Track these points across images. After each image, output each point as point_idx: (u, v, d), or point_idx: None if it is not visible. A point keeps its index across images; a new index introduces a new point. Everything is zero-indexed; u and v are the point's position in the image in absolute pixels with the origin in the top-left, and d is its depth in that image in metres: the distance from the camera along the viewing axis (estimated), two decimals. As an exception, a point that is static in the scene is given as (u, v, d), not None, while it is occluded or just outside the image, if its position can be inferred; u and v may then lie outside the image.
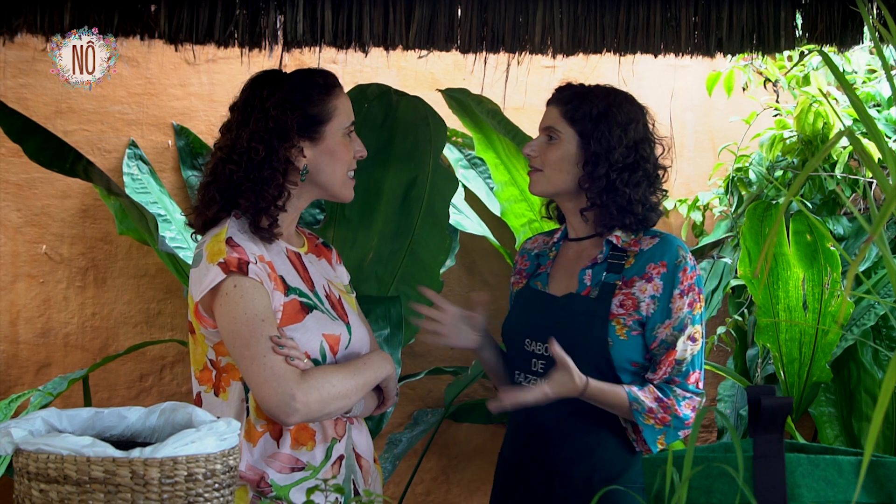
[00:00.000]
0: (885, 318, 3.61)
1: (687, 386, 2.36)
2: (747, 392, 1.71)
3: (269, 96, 2.26)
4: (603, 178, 2.39)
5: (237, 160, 2.24)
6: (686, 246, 2.43)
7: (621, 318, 2.37)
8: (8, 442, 1.64)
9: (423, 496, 4.01)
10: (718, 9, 2.89)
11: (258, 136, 2.23)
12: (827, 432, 3.70)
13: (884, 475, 1.63)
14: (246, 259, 2.17)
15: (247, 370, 2.15)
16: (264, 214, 2.23)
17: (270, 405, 2.12)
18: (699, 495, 1.63)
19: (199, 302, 2.19)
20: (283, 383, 2.11)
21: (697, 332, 2.38)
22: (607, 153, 2.40)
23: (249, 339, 2.13)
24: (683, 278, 2.37)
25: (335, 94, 2.32)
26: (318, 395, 2.14)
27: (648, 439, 2.36)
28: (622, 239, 2.43)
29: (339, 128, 2.31)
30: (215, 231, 2.24)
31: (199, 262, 2.21)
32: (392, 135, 3.46)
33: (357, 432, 2.32)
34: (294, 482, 1.85)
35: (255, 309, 2.14)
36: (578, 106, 2.43)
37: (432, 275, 3.56)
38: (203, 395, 2.26)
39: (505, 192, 3.87)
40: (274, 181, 2.23)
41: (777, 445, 1.62)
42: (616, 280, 2.40)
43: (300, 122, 2.26)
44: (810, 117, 3.72)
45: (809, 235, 3.41)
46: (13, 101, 3.45)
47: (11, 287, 3.66)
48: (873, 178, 3.52)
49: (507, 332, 2.55)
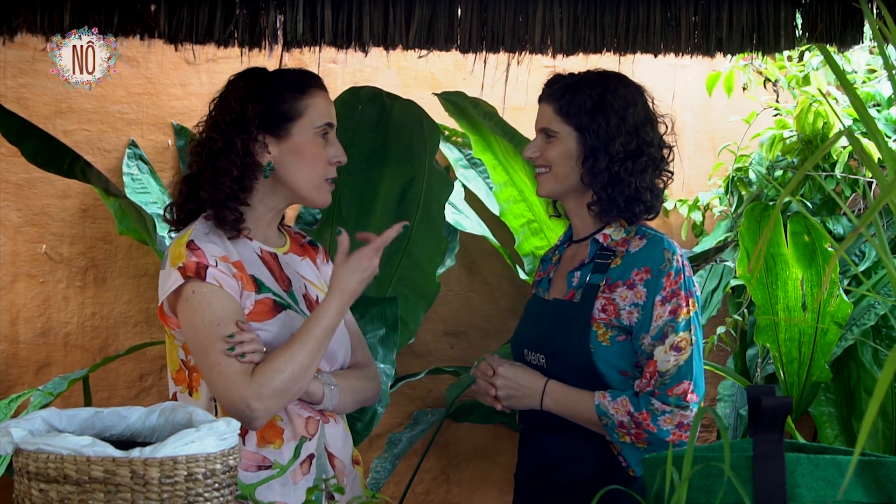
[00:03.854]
0: (885, 318, 3.60)
1: (668, 398, 2.21)
2: (747, 392, 1.71)
3: (235, 90, 2.27)
4: (605, 172, 2.30)
5: (199, 151, 2.26)
6: (675, 247, 2.31)
7: (602, 324, 2.27)
8: (8, 442, 1.64)
9: (423, 496, 4.01)
10: (718, 9, 2.89)
11: (218, 127, 2.24)
12: (827, 432, 3.70)
13: (884, 475, 1.63)
14: (205, 263, 2.16)
15: (207, 379, 2.17)
16: (225, 208, 2.22)
17: (231, 415, 2.10)
18: (699, 495, 1.63)
19: (164, 303, 2.21)
20: (236, 391, 2.10)
21: (683, 340, 2.23)
22: (606, 145, 2.30)
23: (206, 347, 2.14)
24: (666, 283, 2.25)
25: (309, 93, 2.28)
26: (271, 389, 2.11)
27: (630, 460, 2.25)
28: (610, 238, 2.34)
29: (308, 127, 2.27)
30: (182, 232, 2.24)
31: (165, 265, 2.23)
32: (387, 137, 3.47)
33: (332, 430, 2.27)
34: (259, 481, 1.83)
35: (213, 314, 2.14)
36: (571, 100, 2.34)
37: (429, 276, 3.58)
38: (179, 395, 2.27)
39: (504, 192, 3.87)
40: (229, 173, 2.22)
41: (777, 445, 1.62)
42: (600, 281, 2.30)
43: (263, 116, 2.24)
44: (810, 117, 3.72)
45: (807, 236, 3.40)
46: (13, 101, 3.45)
47: (11, 287, 3.66)
48: (873, 178, 3.52)
49: (513, 342, 2.50)
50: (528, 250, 3.87)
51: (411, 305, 3.58)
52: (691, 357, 2.25)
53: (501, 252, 3.88)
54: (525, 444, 2.45)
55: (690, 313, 2.27)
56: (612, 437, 2.26)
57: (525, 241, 3.87)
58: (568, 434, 2.31)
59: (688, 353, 2.24)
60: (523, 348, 2.41)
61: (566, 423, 2.31)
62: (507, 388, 2.32)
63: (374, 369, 2.45)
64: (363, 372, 2.39)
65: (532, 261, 3.84)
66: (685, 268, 2.29)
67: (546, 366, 2.34)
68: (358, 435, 3.34)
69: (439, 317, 3.98)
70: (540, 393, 2.30)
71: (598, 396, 2.25)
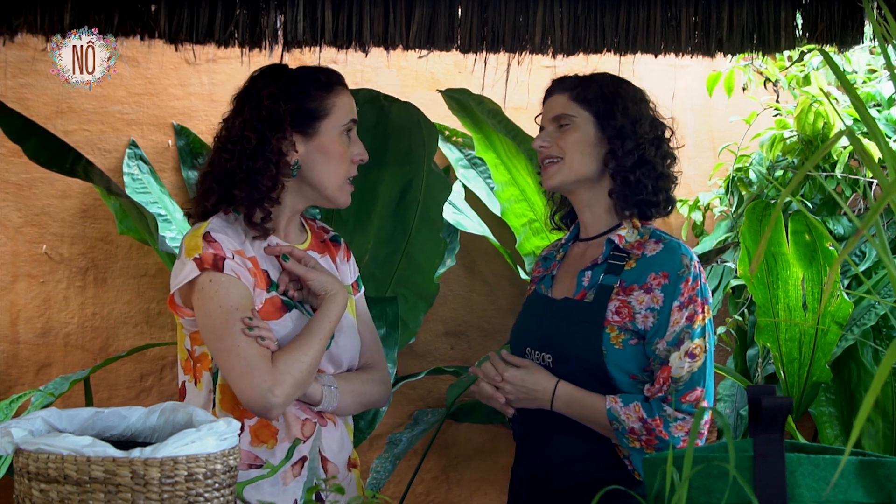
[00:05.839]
0: (885, 318, 3.60)
1: (681, 405, 2.19)
2: (747, 392, 1.71)
3: (265, 87, 2.25)
4: (634, 153, 2.28)
5: (231, 149, 2.23)
6: (692, 253, 2.29)
7: (616, 326, 2.23)
8: (8, 442, 1.64)
9: (423, 496, 4.01)
10: (718, 9, 2.89)
11: (251, 125, 2.22)
12: (827, 432, 3.70)
13: (884, 475, 1.63)
14: (222, 255, 2.15)
15: (223, 364, 2.12)
16: (258, 207, 2.21)
17: (249, 400, 2.09)
18: (699, 495, 1.63)
19: (175, 293, 2.19)
20: (258, 375, 2.07)
21: (698, 346, 2.22)
22: (633, 125, 2.29)
23: (223, 332, 2.11)
24: (684, 289, 2.22)
25: (335, 91, 2.29)
26: (292, 379, 2.10)
27: (637, 464, 2.24)
28: (626, 239, 2.31)
29: (335, 125, 2.27)
30: (198, 225, 2.23)
31: (180, 255, 2.21)
32: (386, 139, 3.48)
33: (329, 433, 2.25)
34: (248, 480, 1.82)
35: (230, 300, 2.12)
36: (587, 87, 2.34)
37: (428, 277, 3.59)
38: (187, 385, 2.26)
39: (505, 192, 3.87)
40: (267, 172, 2.21)
41: (777, 445, 1.62)
42: (613, 283, 2.27)
43: (294, 114, 2.23)
44: (810, 117, 3.72)
45: (808, 235, 3.40)
46: (13, 101, 3.45)
47: (11, 287, 3.66)
48: (873, 177, 3.52)
49: (512, 340, 2.47)
50: (530, 250, 3.87)
51: (411, 306, 3.58)
52: (705, 364, 2.23)
53: (502, 252, 3.88)
54: (523, 444, 2.41)
55: (705, 320, 2.25)
56: (620, 442, 2.23)
57: (526, 241, 3.87)
58: (571, 434, 2.29)
59: (701, 360, 2.22)
60: (525, 347, 2.36)
61: (569, 422, 2.28)
62: (517, 393, 2.29)
63: (384, 373, 2.41)
64: (369, 375, 2.36)
65: (533, 260, 3.84)
66: (701, 274, 2.27)
67: (553, 366, 2.30)
68: (360, 433, 3.35)
69: (439, 317, 3.98)
70: (550, 395, 2.26)
71: (610, 401, 2.22)
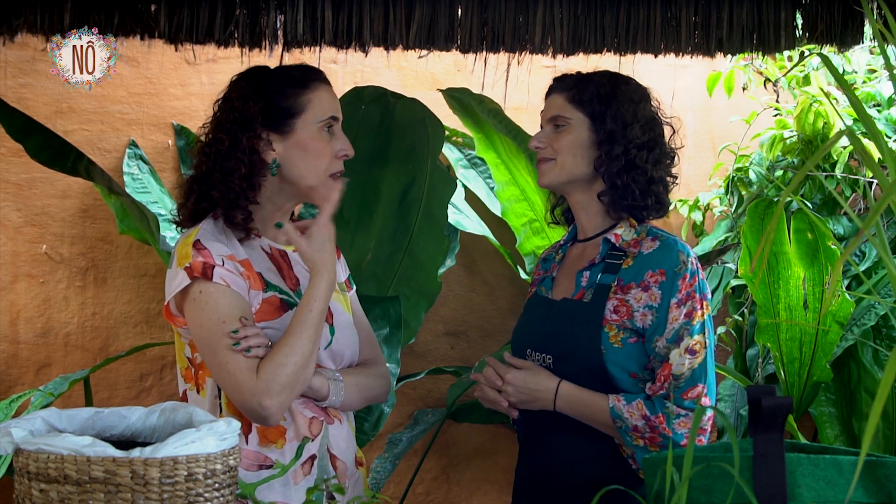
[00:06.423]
0: (885, 318, 3.60)
1: (683, 402, 2.20)
2: (747, 392, 1.71)
3: (237, 88, 2.27)
4: (621, 157, 2.28)
5: (207, 151, 2.26)
6: (689, 249, 2.29)
7: (615, 325, 2.24)
8: (8, 442, 1.64)
9: (423, 496, 4.01)
10: (718, 9, 2.89)
11: (224, 127, 2.24)
12: (827, 432, 3.70)
13: (884, 475, 1.63)
14: (211, 262, 2.16)
15: (217, 378, 2.16)
16: (236, 207, 2.22)
17: (245, 413, 2.13)
18: (699, 495, 1.63)
19: (170, 302, 2.21)
20: (245, 390, 2.10)
21: (698, 343, 2.22)
22: (624, 129, 2.29)
23: (215, 347, 2.13)
24: (682, 286, 2.22)
25: (311, 87, 2.27)
26: (278, 385, 2.09)
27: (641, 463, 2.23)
28: (622, 238, 2.31)
29: (312, 121, 2.25)
30: (189, 232, 2.24)
31: (172, 264, 2.22)
32: (389, 137, 3.47)
33: (336, 431, 2.26)
34: (260, 480, 1.83)
35: (219, 313, 2.13)
36: (584, 88, 2.34)
37: (430, 276, 3.57)
38: (188, 394, 2.26)
39: (506, 191, 3.87)
40: (238, 172, 2.21)
41: (777, 445, 1.62)
42: (611, 281, 2.27)
43: (266, 113, 2.23)
44: (810, 117, 3.72)
45: (810, 234, 3.40)
46: (13, 101, 3.45)
47: (11, 287, 3.66)
48: (873, 177, 3.52)
49: (513, 342, 2.47)
50: (530, 250, 3.87)
51: (413, 304, 3.57)
52: (705, 360, 2.23)
53: (502, 252, 3.88)
54: (526, 444, 2.42)
55: (704, 316, 2.25)
56: (624, 440, 2.23)
57: (526, 241, 3.87)
58: (574, 434, 2.28)
59: (702, 356, 2.22)
60: (526, 348, 2.37)
61: (572, 422, 2.28)
62: (519, 395, 2.29)
63: (384, 367, 2.42)
64: (371, 369, 2.37)
65: (533, 260, 3.83)
66: (699, 270, 2.27)
67: (553, 367, 2.30)
68: (365, 435, 3.34)
69: (440, 317, 3.98)
70: (553, 396, 2.26)
71: (613, 399, 2.22)
